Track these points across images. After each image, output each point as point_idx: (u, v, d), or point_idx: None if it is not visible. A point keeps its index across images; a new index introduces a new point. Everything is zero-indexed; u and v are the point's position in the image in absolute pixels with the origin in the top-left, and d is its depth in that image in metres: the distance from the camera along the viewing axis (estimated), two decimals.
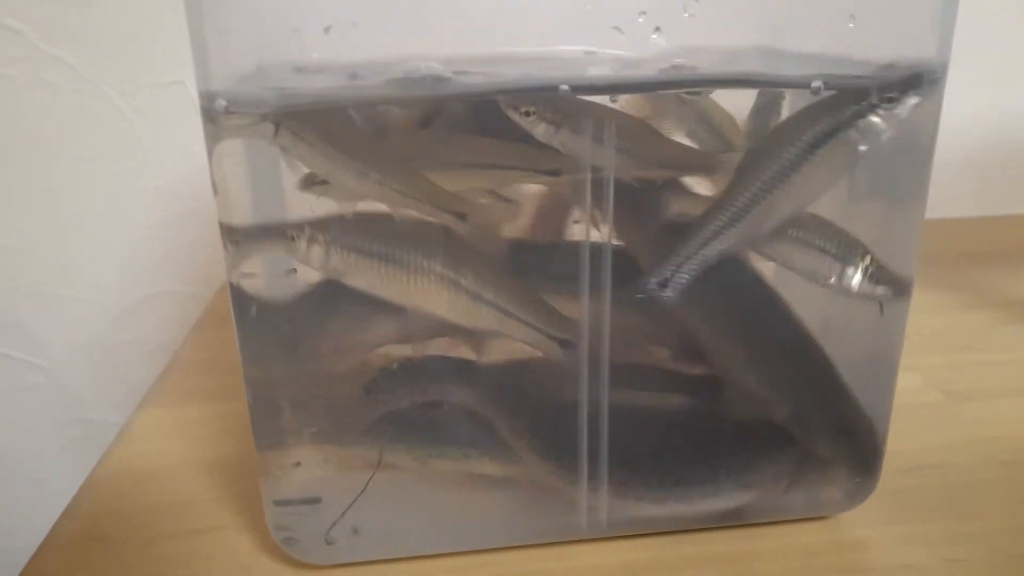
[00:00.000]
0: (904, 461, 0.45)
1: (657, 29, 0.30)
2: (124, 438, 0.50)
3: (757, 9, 0.33)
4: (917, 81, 0.32)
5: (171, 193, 0.78)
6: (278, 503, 0.37)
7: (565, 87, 0.30)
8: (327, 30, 0.29)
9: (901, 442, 0.46)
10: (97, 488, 0.45)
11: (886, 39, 0.33)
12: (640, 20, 0.30)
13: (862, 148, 0.33)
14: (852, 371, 0.39)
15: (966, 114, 0.86)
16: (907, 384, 0.53)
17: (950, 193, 0.88)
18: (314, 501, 0.38)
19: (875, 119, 0.32)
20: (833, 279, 0.35)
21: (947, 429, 0.49)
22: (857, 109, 0.32)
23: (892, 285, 0.36)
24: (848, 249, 0.36)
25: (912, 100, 0.32)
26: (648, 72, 0.31)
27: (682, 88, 0.32)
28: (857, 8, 0.31)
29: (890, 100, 0.32)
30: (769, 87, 0.35)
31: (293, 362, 0.36)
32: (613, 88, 0.32)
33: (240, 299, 0.34)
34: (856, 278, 0.35)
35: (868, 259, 0.35)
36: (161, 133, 0.76)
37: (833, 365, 0.39)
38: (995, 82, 0.85)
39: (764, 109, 0.35)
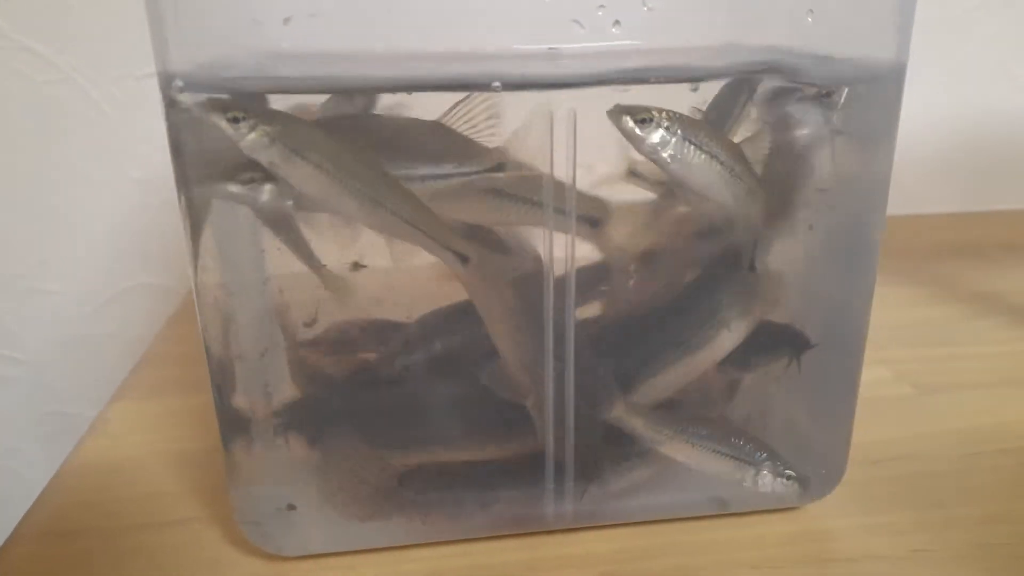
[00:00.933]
0: (873, 452, 0.45)
1: (616, 23, 0.30)
2: (96, 431, 0.50)
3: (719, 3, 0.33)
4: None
5: (146, 185, 0.78)
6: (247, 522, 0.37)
7: (497, 84, 0.30)
8: (287, 21, 0.29)
9: (870, 434, 0.47)
10: (67, 480, 0.45)
11: (846, 35, 0.33)
12: (599, 13, 0.30)
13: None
14: (817, 364, 0.39)
15: (939, 111, 0.87)
16: (877, 377, 0.54)
17: (923, 189, 0.89)
18: (290, 508, 0.38)
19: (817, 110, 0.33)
20: (747, 481, 0.38)
21: (916, 421, 0.49)
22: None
23: (799, 479, 0.38)
24: (755, 453, 0.38)
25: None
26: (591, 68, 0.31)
27: (615, 84, 0.32)
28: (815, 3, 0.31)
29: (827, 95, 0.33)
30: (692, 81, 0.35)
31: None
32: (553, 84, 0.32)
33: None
34: (766, 479, 0.38)
35: (775, 462, 0.38)
36: (136, 125, 0.76)
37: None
38: (968, 78, 0.86)
39: (722, 101, 0.35)
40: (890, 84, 0.33)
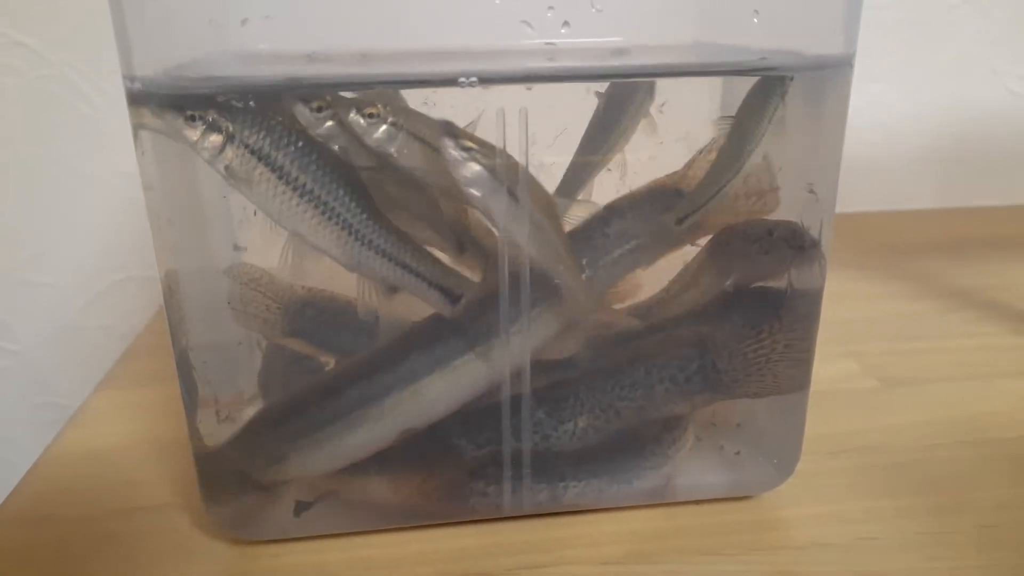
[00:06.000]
0: (832, 444, 0.46)
1: (565, 23, 0.31)
2: (77, 420, 0.51)
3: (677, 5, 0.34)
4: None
5: (137, 178, 0.79)
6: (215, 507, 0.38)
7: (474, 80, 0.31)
8: (244, 22, 0.30)
9: (831, 426, 0.48)
10: (48, 468, 0.46)
11: (796, 32, 0.34)
12: (549, 15, 0.31)
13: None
14: None
15: (922, 107, 0.87)
16: (844, 370, 0.55)
17: (909, 185, 0.89)
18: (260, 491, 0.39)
19: None
20: None
21: (878, 414, 0.50)
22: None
23: None
24: None
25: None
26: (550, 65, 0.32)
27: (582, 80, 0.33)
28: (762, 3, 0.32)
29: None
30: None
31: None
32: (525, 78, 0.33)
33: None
34: None
35: None
36: (127, 119, 0.76)
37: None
38: (951, 75, 0.87)
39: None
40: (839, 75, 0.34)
